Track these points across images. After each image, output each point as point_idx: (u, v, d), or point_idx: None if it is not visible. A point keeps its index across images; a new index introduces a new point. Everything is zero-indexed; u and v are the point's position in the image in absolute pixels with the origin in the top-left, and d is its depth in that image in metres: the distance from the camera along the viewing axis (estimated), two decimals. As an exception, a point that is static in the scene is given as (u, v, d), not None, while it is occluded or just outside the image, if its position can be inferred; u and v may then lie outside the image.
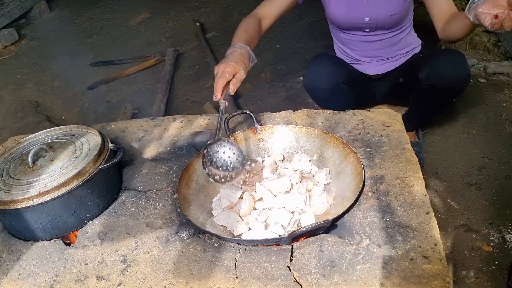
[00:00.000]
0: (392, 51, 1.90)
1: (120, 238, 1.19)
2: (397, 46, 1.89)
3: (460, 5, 3.52)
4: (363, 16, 1.76)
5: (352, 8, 1.76)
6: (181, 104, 2.92)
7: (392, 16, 1.75)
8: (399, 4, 1.73)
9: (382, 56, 1.92)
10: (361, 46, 1.90)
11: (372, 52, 1.91)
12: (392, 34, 1.84)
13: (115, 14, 4.66)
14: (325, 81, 1.78)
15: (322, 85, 1.78)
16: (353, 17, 1.78)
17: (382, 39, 1.85)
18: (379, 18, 1.76)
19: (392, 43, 1.87)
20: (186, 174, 1.31)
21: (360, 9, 1.75)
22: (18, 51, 4.15)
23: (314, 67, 1.81)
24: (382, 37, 1.84)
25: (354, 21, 1.79)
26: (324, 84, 1.77)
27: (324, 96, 1.82)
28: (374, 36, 1.84)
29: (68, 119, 2.93)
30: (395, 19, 1.76)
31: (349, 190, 1.23)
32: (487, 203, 1.81)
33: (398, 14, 1.75)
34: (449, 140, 2.18)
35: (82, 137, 1.36)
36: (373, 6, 1.73)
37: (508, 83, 2.58)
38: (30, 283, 1.10)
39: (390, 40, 1.86)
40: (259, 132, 1.46)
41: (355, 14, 1.77)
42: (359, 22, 1.78)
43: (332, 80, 1.77)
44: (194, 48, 3.66)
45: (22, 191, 1.17)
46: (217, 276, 1.04)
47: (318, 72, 1.79)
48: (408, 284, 0.96)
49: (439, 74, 1.68)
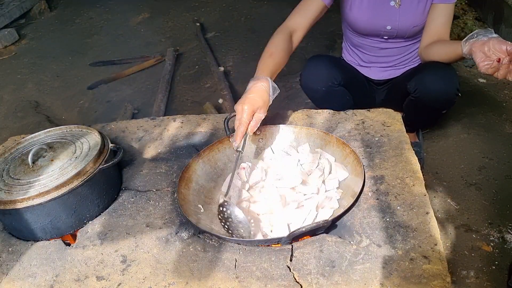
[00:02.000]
0: (401, 59, 1.90)
1: (120, 238, 1.19)
2: (407, 56, 1.89)
3: (460, 5, 3.53)
4: (385, 24, 1.74)
5: (377, 15, 1.74)
6: (181, 104, 2.92)
7: (415, 27, 1.74)
8: (423, 17, 1.72)
9: (389, 62, 1.91)
10: (373, 51, 1.89)
11: (382, 58, 1.90)
12: (408, 43, 1.84)
13: (115, 14, 4.66)
14: (320, 83, 1.76)
15: (317, 87, 1.77)
16: (375, 24, 1.76)
17: (397, 47, 1.85)
18: (401, 27, 1.74)
19: (404, 52, 1.87)
20: (186, 174, 1.31)
21: (384, 17, 1.73)
22: (18, 51, 4.15)
23: (309, 68, 1.80)
24: (398, 45, 1.84)
25: (375, 28, 1.78)
26: (319, 86, 1.76)
27: (320, 97, 1.82)
28: (390, 43, 1.83)
29: (68, 119, 2.93)
30: (415, 31, 1.76)
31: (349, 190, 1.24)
32: (487, 203, 1.81)
33: (420, 26, 1.74)
34: (449, 140, 2.17)
35: (82, 137, 1.36)
36: (400, 16, 1.72)
37: (508, 83, 2.58)
38: (30, 283, 1.10)
39: (404, 49, 1.86)
40: (259, 132, 1.46)
41: (377, 21, 1.75)
42: (380, 29, 1.77)
43: (328, 81, 1.75)
44: (194, 48, 3.66)
45: (22, 191, 1.17)
46: (217, 276, 1.04)
47: (313, 74, 1.78)
48: (408, 284, 0.96)
49: (426, 88, 1.65)
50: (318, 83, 1.77)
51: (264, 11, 4.05)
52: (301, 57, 3.10)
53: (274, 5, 4.10)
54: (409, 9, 1.71)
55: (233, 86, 2.95)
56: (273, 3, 4.13)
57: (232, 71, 3.21)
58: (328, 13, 1.73)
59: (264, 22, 3.78)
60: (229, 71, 3.20)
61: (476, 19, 3.34)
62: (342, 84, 1.78)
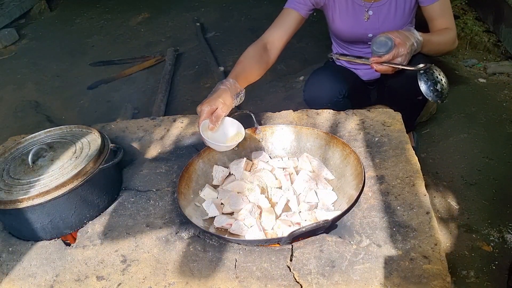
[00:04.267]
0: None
1: (120, 238, 1.19)
2: None
3: (460, 5, 3.53)
4: (366, 32, 1.75)
5: (356, 24, 1.75)
6: (181, 104, 2.92)
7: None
8: (404, 19, 1.72)
9: None
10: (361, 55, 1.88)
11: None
12: None
13: (115, 14, 4.66)
14: (324, 98, 1.75)
15: (322, 101, 1.75)
16: (357, 33, 1.77)
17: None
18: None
19: None
20: (186, 174, 1.31)
21: (364, 25, 1.74)
22: (18, 51, 4.15)
23: (313, 82, 1.79)
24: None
25: (358, 36, 1.79)
26: (324, 101, 1.74)
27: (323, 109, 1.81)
28: None
29: (68, 119, 2.93)
30: None
31: (349, 190, 1.24)
32: (487, 203, 1.81)
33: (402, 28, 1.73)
34: (449, 140, 2.17)
35: (82, 137, 1.36)
36: (380, 23, 1.72)
37: (508, 83, 2.58)
38: (30, 283, 1.10)
39: None
40: (259, 132, 1.46)
41: (359, 30, 1.76)
42: (362, 37, 1.78)
43: (333, 97, 1.74)
44: (194, 48, 3.66)
45: (22, 191, 1.17)
46: (217, 276, 1.04)
47: (317, 89, 1.77)
48: (408, 284, 0.96)
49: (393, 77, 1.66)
50: (322, 98, 1.75)
51: (264, 11, 4.05)
52: (301, 57, 3.11)
53: (274, 5, 4.10)
54: (387, 16, 1.71)
55: (233, 86, 2.94)
56: (273, 3, 4.13)
57: (232, 71, 3.21)
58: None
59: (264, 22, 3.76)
60: (229, 71, 3.18)
61: (476, 19, 3.34)
62: (346, 96, 1.77)
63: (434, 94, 1.49)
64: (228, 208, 1.25)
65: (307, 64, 3.07)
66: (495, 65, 2.75)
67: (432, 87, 1.48)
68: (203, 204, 1.28)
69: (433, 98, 1.49)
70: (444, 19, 1.68)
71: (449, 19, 1.69)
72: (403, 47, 1.47)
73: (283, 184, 1.31)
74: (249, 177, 1.34)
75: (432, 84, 1.48)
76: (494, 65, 2.76)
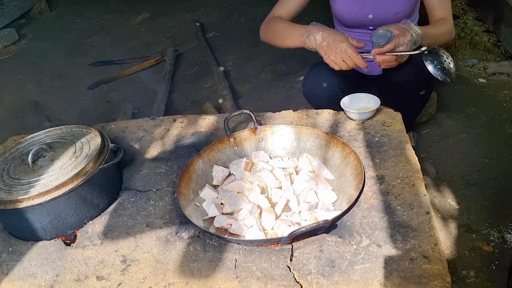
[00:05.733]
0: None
1: (120, 238, 1.19)
2: None
3: (460, 5, 3.53)
4: (367, 13, 1.75)
5: (357, 4, 1.76)
6: (181, 104, 2.92)
7: (397, 15, 1.74)
8: (405, 5, 1.73)
9: None
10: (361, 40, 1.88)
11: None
12: None
13: (115, 14, 4.66)
14: (324, 91, 1.76)
15: (321, 95, 1.76)
16: (357, 14, 1.78)
17: None
18: (383, 16, 1.75)
19: None
20: (186, 174, 1.31)
21: (364, 6, 1.75)
22: (18, 51, 4.15)
23: (313, 76, 1.80)
24: None
25: (358, 18, 1.79)
26: (323, 94, 1.75)
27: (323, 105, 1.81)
28: None
29: (68, 119, 2.93)
30: (398, 18, 1.75)
31: (349, 190, 1.24)
32: (487, 203, 1.81)
33: (403, 13, 1.74)
34: (449, 140, 2.17)
35: (82, 137, 1.36)
36: (380, 4, 1.73)
37: (508, 83, 2.58)
38: (30, 283, 1.10)
39: None
40: (259, 132, 1.46)
41: (359, 10, 1.76)
42: (363, 19, 1.78)
43: (332, 90, 1.75)
44: (194, 48, 3.66)
45: (22, 191, 1.17)
46: (217, 276, 1.04)
47: (316, 82, 1.77)
48: (408, 284, 0.96)
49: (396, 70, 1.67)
50: (321, 92, 1.76)
51: (264, 11, 4.01)
52: (301, 57, 3.10)
53: (274, 5, 4.10)
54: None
55: (233, 86, 2.94)
56: (273, 3, 4.12)
57: (232, 71, 3.21)
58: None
59: (264, 22, 3.78)
60: (229, 71, 3.20)
61: (476, 19, 3.34)
62: (345, 91, 1.77)
63: (442, 73, 1.48)
64: (228, 208, 1.25)
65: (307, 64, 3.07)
66: (495, 65, 2.75)
67: (439, 66, 1.48)
68: (203, 204, 1.28)
69: (441, 77, 1.48)
70: (442, 9, 1.71)
71: (447, 9, 1.72)
72: (403, 36, 1.49)
73: (283, 184, 1.31)
74: (249, 177, 1.34)
75: (439, 63, 1.48)
76: (494, 65, 2.76)
